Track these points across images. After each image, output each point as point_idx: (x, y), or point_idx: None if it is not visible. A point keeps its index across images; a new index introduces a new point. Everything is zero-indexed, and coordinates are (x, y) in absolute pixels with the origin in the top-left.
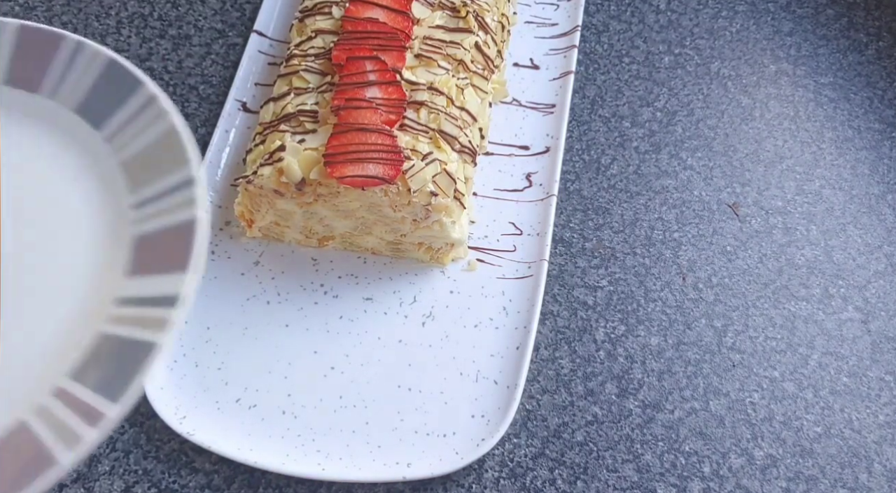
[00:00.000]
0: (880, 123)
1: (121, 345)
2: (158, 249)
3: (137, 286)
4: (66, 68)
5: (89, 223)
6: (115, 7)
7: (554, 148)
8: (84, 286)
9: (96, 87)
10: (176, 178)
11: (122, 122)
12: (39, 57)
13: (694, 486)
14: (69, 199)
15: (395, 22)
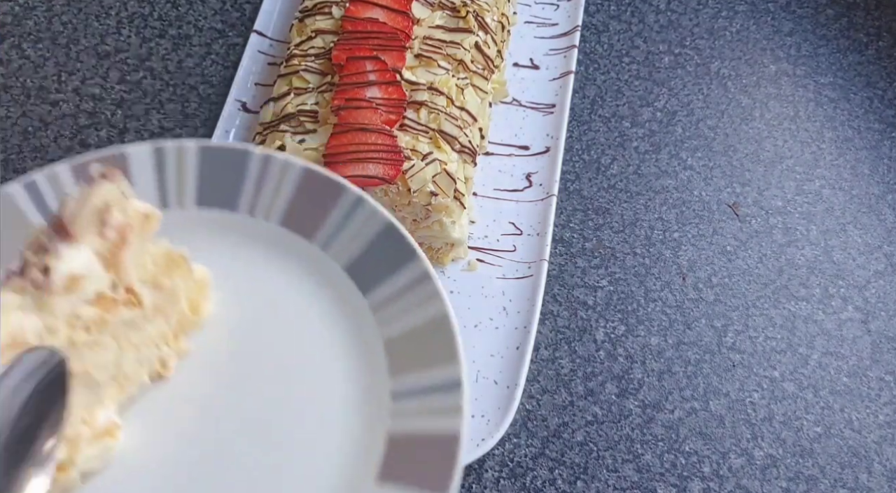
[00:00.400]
0: (880, 123)
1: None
2: (415, 457)
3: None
4: (343, 222)
5: (347, 404)
6: (115, 7)
7: (554, 148)
8: (335, 481)
9: (370, 248)
10: (442, 375)
11: (391, 293)
12: (319, 204)
13: (694, 486)
14: (332, 370)
15: (395, 22)
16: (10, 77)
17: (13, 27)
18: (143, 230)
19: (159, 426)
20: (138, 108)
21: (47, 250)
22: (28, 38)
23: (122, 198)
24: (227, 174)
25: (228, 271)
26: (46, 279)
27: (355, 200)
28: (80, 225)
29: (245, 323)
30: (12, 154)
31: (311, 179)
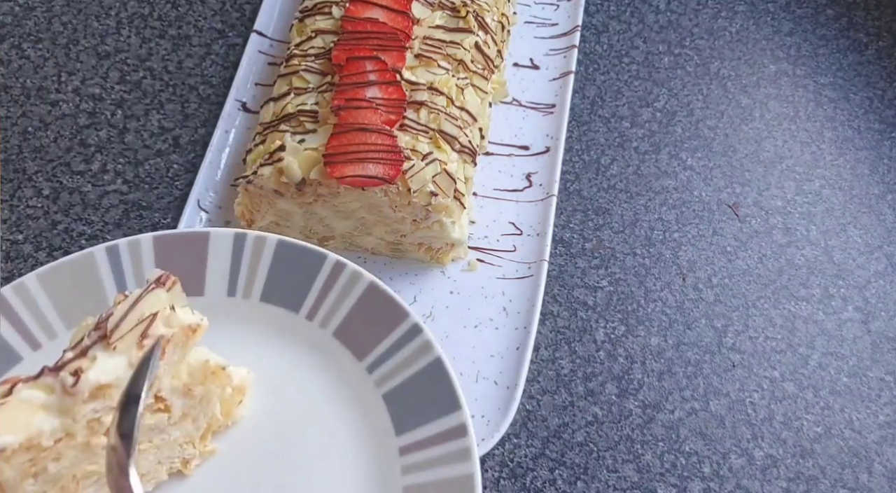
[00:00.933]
0: (880, 123)
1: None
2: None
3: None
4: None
5: (363, 473)
6: (115, 7)
7: (554, 148)
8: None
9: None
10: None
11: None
12: (377, 324)
13: (694, 486)
14: (338, 437)
15: (395, 22)
16: (10, 77)
17: (13, 27)
18: (183, 343)
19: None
20: (138, 108)
21: (85, 353)
22: (28, 38)
23: (169, 309)
24: (297, 274)
25: (270, 369)
26: (75, 385)
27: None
28: (121, 334)
29: (273, 425)
30: (12, 154)
31: (374, 295)
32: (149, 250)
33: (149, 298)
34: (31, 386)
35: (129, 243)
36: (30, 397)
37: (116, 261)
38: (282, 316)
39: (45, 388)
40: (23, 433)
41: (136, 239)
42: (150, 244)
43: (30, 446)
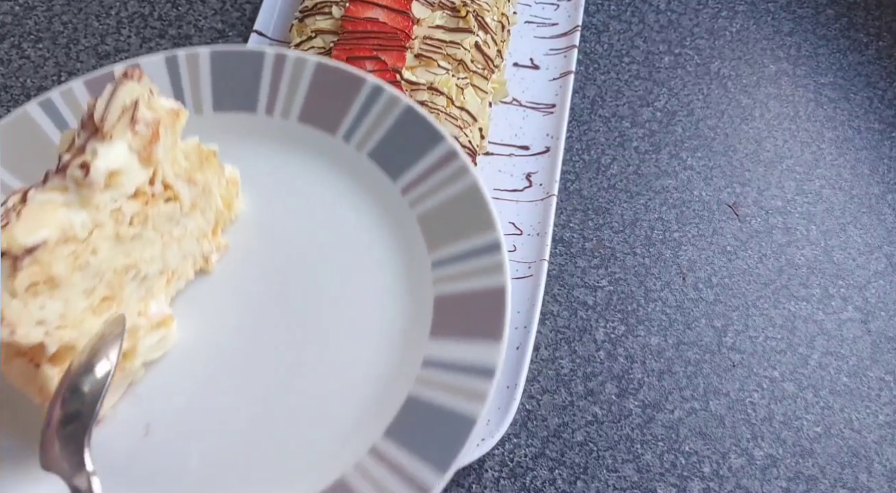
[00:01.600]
0: (880, 123)
1: (432, 410)
2: (464, 313)
3: (443, 349)
4: (363, 112)
5: (391, 278)
6: (115, 7)
7: (554, 148)
8: (391, 345)
9: (392, 135)
10: (480, 241)
11: (419, 175)
12: (337, 97)
13: (694, 486)
14: (372, 253)
15: (395, 22)
16: (10, 77)
17: (13, 27)
18: (172, 126)
19: (211, 316)
20: None
21: (83, 150)
22: (28, 38)
23: (149, 95)
24: (241, 77)
25: (255, 170)
26: (87, 176)
27: (373, 89)
28: (112, 123)
29: (279, 219)
30: None
31: (325, 72)
32: (83, 95)
33: (122, 90)
34: (43, 190)
35: (62, 93)
36: (48, 199)
37: (55, 113)
38: (319, 137)
39: (59, 188)
40: (55, 227)
41: (68, 86)
42: (83, 89)
43: (66, 238)
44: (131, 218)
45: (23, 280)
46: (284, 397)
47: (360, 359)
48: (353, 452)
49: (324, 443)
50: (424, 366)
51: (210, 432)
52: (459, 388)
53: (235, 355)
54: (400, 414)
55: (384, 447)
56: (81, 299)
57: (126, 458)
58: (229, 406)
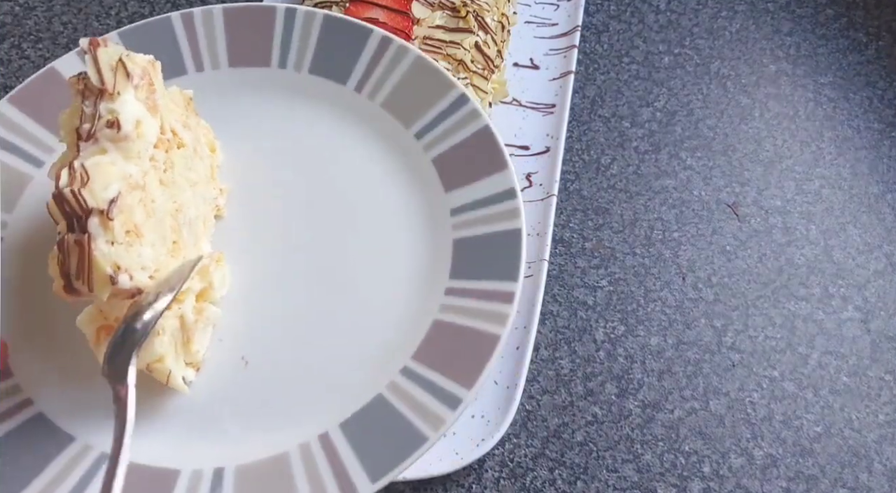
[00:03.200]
0: (880, 122)
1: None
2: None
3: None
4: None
5: (410, 222)
6: (115, 7)
7: (554, 148)
8: (416, 283)
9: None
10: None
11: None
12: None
13: (694, 486)
14: (389, 195)
15: (395, 22)
16: (10, 77)
17: (13, 27)
18: (156, 75)
19: (248, 256)
20: None
21: (98, 114)
22: (28, 38)
23: (124, 52)
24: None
25: (270, 120)
26: (119, 130)
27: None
28: (112, 81)
29: (291, 164)
30: None
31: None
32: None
33: (101, 56)
34: (85, 157)
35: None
36: (97, 161)
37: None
38: (331, 88)
39: (98, 151)
40: (120, 179)
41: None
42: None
43: (131, 187)
44: (163, 164)
45: (119, 229)
46: (327, 325)
47: (386, 289)
48: (388, 373)
49: (361, 366)
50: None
51: (288, 358)
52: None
53: (282, 291)
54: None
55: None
56: (161, 244)
57: (236, 388)
58: (291, 337)
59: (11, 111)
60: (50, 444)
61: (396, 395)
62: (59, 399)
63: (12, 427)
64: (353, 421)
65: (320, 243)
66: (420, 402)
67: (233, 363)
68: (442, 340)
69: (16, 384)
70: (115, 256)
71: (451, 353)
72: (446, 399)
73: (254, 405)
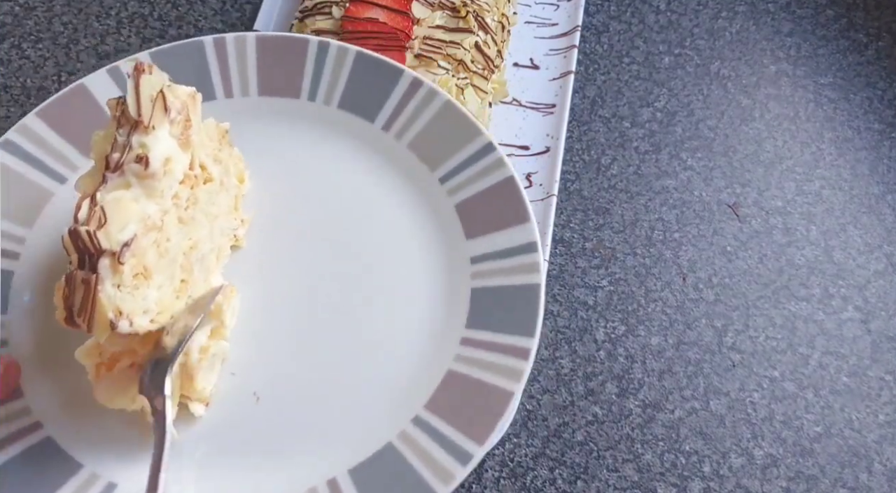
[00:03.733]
0: (880, 123)
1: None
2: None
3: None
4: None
5: (430, 266)
6: (115, 7)
7: (554, 148)
8: (431, 330)
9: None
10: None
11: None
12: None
13: (694, 486)
14: (410, 237)
15: (395, 22)
16: (10, 77)
17: (13, 27)
18: (194, 109)
19: (260, 286)
20: None
21: (129, 145)
22: (28, 38)
23: (167, 84)
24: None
25: (296, 152)
26: (147, 168)
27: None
28: (149, 114)
29: (314, 195)
30: None
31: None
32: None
33: (143, 83)
34: (108, 190)
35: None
36: (118, 197)
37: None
38: (359, 125)
39: (122, 186)
40: (138, 220)
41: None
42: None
43: (148, 228)
44: (186, 201)
45: (128, 274)
46: (341, 365)
47: (402, 334)
48: (399, 421)
49: (373, 411)
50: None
51: (300, 396)
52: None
53: (296, 327)
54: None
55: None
56: (168, 285)
57: (246, 425)
58: (304, 375)
59: (38, 125)
60: (57, 470)
61: (407, 445)
62: (68, 425)
63: (20, 451)
64: (362, 468)
65: (338, 280)
66: (431, 455)
67: (244, 399)
68: (455, 391)
69: (26, 407)
70: (119, 300)
71: (463, 406)
72: (457, 454)
73: (263, 443)
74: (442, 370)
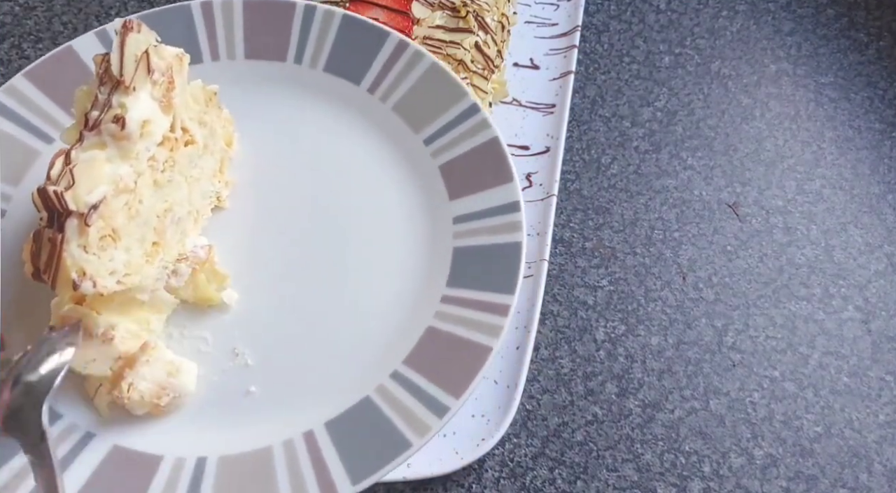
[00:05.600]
0: (881, 122)
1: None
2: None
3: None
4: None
5: (413, 226)
6: (115, 7)
7: (554, 148)
8: (413, 288)
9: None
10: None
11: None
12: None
13: (694, 486)
14: (394, 197)
15: (395, 22)
16: (10, 77)
17: (13, 27)
18: (180, 71)
19: (244, 248)
20: None
21: (109, 104)
22: (28, 39)
23: (153, 45)
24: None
25: (282, 115)
26: (123, 129)
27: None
28: (131, 74)
29: (299, 157)
30: None
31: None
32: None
33: (130, 42)
34: (83, 149)
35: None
36: (92, 157)
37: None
38: (344, 87)
39: (98, 145)
40: (109, 182)
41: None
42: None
43: (119, 190)
44: (163, 164)
45: (94, 236)
46: (321, 322)
47: (383, 292)
48: (377, 376)
49: (352, 367)
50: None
51: (278, 352)
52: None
53: (276, 284)
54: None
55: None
56: (138, 247)
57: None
58: (283, 331)
59: (26, 86)
60: None
61: (384, 398)
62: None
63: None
64: (338, 421)
65: (320, 240)
66: (407, 407)
67: (224, 355)
68: (434, 347)
69: (8, 359)
70: (83, 261)
71: (442, 361)
72: (433, 406)
73: (241, 397)
74: (422, 327)
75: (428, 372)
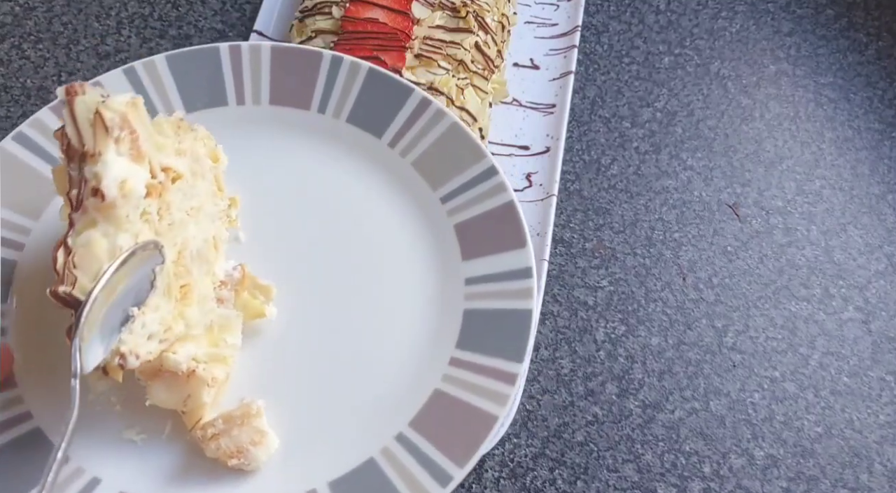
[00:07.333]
0: (880, 123)
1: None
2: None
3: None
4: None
5: (425, 284)
6: (115, 7)
7: (554, 148)
8: (421, 348)
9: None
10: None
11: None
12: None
13: (694, 486)
14: (408, 254)
15: (395, 22)
16: (10, 77)
17: (13, 27)
18: (138, 115)
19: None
20: None
21: (83, 179)
22: (28, 39)
23: (100, 100)
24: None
25: (301, 161)
26: (104, 200)
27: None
28: (91, 141)
29: (315, 206)
30: None
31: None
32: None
33: (78, 108)
34: (77, 232)
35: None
36: (87, 239)
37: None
38: (366, 139)
39: (89, 224)
40: (109, 258)
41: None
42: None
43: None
44: (157, 213)
45: None
46: (328, 374)
47: (392, 347)
48: (383, 437)
49: (357, 425)
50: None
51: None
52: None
53: (285, 333)
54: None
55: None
56: (166, 302)
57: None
58: (291, 382)
59: (50, 118)
60: (44, 462)
61: (389, 462)
62: (59, 418)
63: (8, 440)
64: (342, 482)
65: (331, 291)
66: (411, 474)
67: (230, 404)
68: (440, 411)
69: (18, 396)
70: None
71: (448, 426)
72: (438, 475)
73: None
74: (429, 389)
75: (433, 438)
